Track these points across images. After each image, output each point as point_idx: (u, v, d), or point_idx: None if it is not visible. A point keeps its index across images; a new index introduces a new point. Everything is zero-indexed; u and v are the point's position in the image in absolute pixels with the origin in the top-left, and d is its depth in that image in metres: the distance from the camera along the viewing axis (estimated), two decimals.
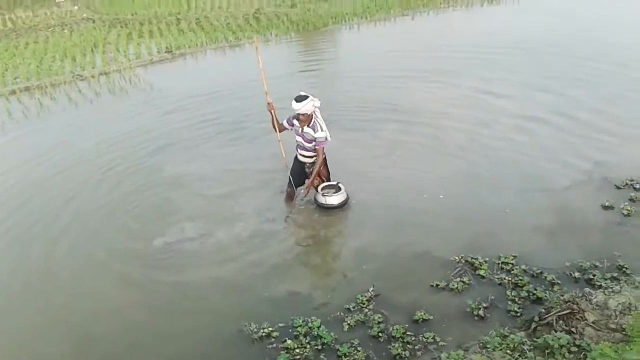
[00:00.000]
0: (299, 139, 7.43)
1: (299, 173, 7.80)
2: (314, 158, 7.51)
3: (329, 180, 7.86)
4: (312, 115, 7.18)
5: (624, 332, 4.48)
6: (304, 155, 7.58)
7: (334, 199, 7.67)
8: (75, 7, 22.64)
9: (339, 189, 7.76)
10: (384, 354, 5.17)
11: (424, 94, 12.16)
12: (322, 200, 7.69)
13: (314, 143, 7.32)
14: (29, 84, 15.14)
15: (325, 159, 7.66)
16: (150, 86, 14.55)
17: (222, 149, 10.14)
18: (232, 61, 17.42)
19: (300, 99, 6.98)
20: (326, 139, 7.28)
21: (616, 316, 4.77)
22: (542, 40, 15.88)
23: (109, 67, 16.41)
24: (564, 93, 11.59)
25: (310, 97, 7.02)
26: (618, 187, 7.69)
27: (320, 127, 7.21)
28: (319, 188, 7.79)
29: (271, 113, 7.46)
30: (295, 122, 7.34)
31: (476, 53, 15.13)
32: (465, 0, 22.90)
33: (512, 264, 6.22)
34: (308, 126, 7.23)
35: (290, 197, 8.00)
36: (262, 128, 9.97)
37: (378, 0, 22.89)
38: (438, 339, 5.23)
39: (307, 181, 7.68)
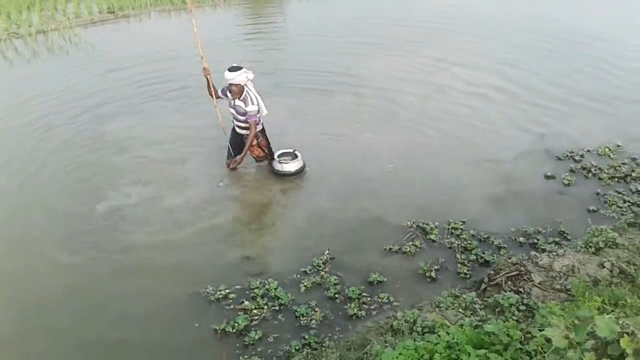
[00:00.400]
0: (232, 111, 7.33)
1: (238, 144, 7.69)
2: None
3: (269, 150, 7.78)
4: (243, 87, 7.08)
5: (568, 293, 4.76)
6: (240, 127, 7.48)
7: (290, 166, 7.69)
8: None
9: (296, 156, 7.77)
10: (340, 314, 5.30)
11: (378, 63, 12.25)
12: (278, 167, 7.69)
13: (245, 116, 7.24)
14: None
15: (263, 130, 7.59)
16: (91, 46, 13.98)
17: (169, 113, 9.88)
18: (177, 24, 16.93)
19: (233, 69, 6.89)
20: (259, 112, 7.22)
21: (560, 277, 5.05)
22: (505, 17, 16.19)
23: (47, 25, 15.63)
24: (518, 65, 11.97)
25: (244, 69, 6.93)
26: (559, 159, 8.08)
27: (252, 100, 7.11)
28: (276, 155, 7.78)
29: (207, 78, 7.30)
30: (228, 93, 7.23)
31: (436, 24, 15.32)
32: None
33: (461, 229, 6.48)
34: (239, 99, 7.14)
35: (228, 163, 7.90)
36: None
37: None
38: (392, 299, 5.42)
39: (237, 156, 7.59)
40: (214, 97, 7.47)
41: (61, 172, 8.10)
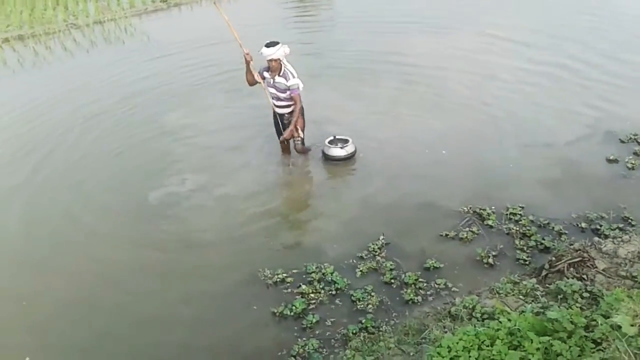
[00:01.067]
0: (272, 90, 7.26)
1: (280, 127, 7.64)
2: (292, 107, 7.35)
3: (303, 130, 7.63)
4: (281, 63, 7.04)
5: (634, 279, 4.61)
6: (280, 107, 7.40)
7: (342, 151, 7.69)
8: None
9: (347, 142, 7.77)
10: (397, 299, 5.30)
11: (427, 44, 12.05)
12: (330, 152, 7.71)
13: (288, 92, 7.16)
14: (22, 32, 14.80)
15: (302, 110, 7.44)
16: (146, 36, 14.27)
17: (223, 100, 10.00)
18: (228, 10, 17.05)
19: (270, 44, 6.85)
20: (299, 86, 7.15)
21: (626, 264, 4.90)
22: None
23: (103, 16, 16.05)
24: (574, 42, 11.56)
25: (281, 44, 6.89)
26: (622, 141, 7.79)
27: (292, 74, 7.06)
28: (327, 140, 7.78)
29: (247, 64, 7.21)
30: (266, 73, 7.18)
31: (480, 5, 14.95)
32: None
33: (520, 214, 6.34)
34: (279, 75, 7.09)
35: (287, 150, 7.94)
36: None
37: None
38: (450, 285, 5.38)
39: (285, 131, 7.48)
40: (258, 79, 7.29)
41: (116, 159, 8.37)
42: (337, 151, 7.70)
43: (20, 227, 6.96)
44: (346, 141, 7.80)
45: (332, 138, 7.87)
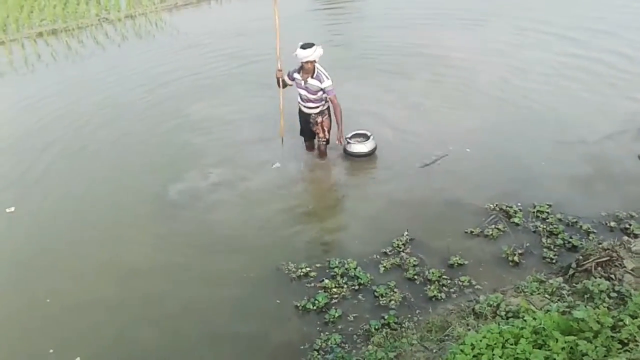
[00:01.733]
0: (303, 92, 7.19)
1: (305, 126, 7.60)
2: (320, 108, 7.30)
3: (329, 131, 7.60)
4: (314, 65, 6.94)
5: None
6: (309, 107, 7.33)
7: (362, 147, 7.65)
8: None
9: (367, 137, 7.73)
10: (420, 295, 5.28)
11: (456, 38, 11.90)
12: (351, 148, 7.68)
13: (320, 93, 7.09)
14: (55, 26, 15.06)
15: (329, 111, 7.41)
16: (176, 30, 14.41)
17: (250, 95, 9.99)
18: (257, 7, 17.12)
19: (306, 46, 6.73)
20: (333, 87, 7.06)
21: None
22: None
23: (134, 10, 16.24)
24: (605, 37, 11.30)
25: (316, 45, 6.78)
26: None
27: (325, 75, 6.98)
28: (348, 136, 7.73)
29: (278, 80, 7.28)
30: (297, 75, 7.11)
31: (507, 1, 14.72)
32: None
33: (547, 212, 6.25)
34: (312, 77, 7.00)
35: (311, 147, 7.91)
36: None
37: None
38: (474, 282, 5.34)
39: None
40: (289, 83, 7.32)
41: (139, 150, 8.50)
42: (358, 147, 7.67)
43: (38, 221, 7.05)
44: (367, 137, 7.75)
45: (353, 133, 7.82)
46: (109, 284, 5.87)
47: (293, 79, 7.23)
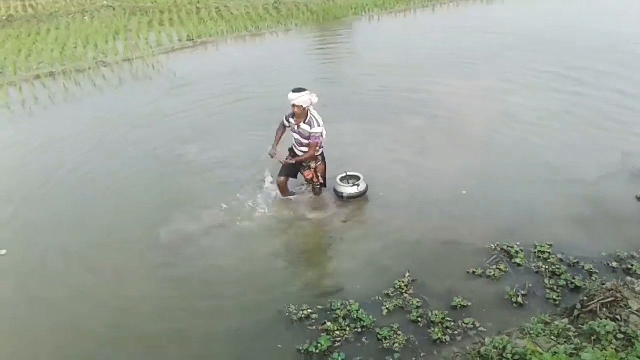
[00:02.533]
0: (296, 136, 7.25)
1: (292, 166, 7.54)
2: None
3: (324, 178, 7.67)
4: (307, 110, 7.02)
5: None
6: (302, 151, 7.34)
7: (352, 189, 7.63)
8: None
9: (358, 179, 7.71)
10: (424, 338, 5.21)
11: (446, 85, 12.04)
12: (342, 190, 7.66)
13: (310, 138, 7.14)
14: (53, 69, 15.20)
15: (323, 156, 7.48)
16: (173, 73, 14.57)
17: (246, 136, 9.95)
18: (253, 50, 17.42)
19: (297, 90, 6.86)
20: (321, 134, 7.13)
21: None
22: (559, 31, 15.79)
23: (131, 54, 16.44)
24: (592, 83, 11.54)
25: (308, 91, 6.89)
26: None
27: (317, 122, 7.05)
28: (338, 178, 7.73)
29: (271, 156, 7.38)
30: (291, 119, 7.21)
31: (496, 44, 15.07)
32: None
33: (549, 252, 6.25)
34: (304, 122, 7.08)
35: (284, 189, 7.76)
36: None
37: None
38: (477, 324, 5.28)
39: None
40: (275, 146, 7.38)
41: (132, 191, 8.45)
42: (349, 189, 7.65)
43: (31, 261, 6.97)
44: (357, 178, 7.75)
45: (343, 174, 7.81)
46: (102, 333, 5.73)
47: (289, 123, 7.30)
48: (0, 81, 14.33)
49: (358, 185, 7.64)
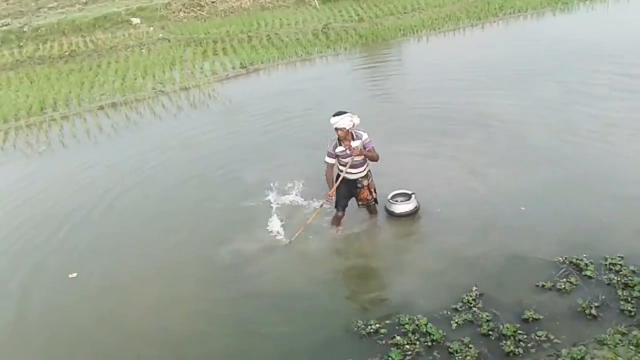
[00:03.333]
0: (347, 160, 7.11)
1: (347, 194, 7.51)
2: (366, 170, 7.31)
3: (376, 191, 7.59)
4: (349, 132, 6.97)
5: None
6: (355, 173, 7.27)
7: (404, 207, 7.62)
8: (151, 29, 23.66)
9: (409, 197, 7.70)
10: (497, 351, 5.18)
11: (503, 101, 11.87)
12: (393, 208, 7.66)
13: (362, 149, 7.05)
14: (114, 99, 15.86)
15: (370, 172, 7.45)
16: (229, 99, 14.95)
17: (304, 158, 10.02)
18: (304, 74, 17.73)
19: (337, 114, 6.86)
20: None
21: None
22: (617, 45, 15.38)
23: (187, 82, 16.97)
24: None
25: (349, 113, 6.85)
26: None
27: (361, 130, 7.04)
28: (389, 196, 7.72)
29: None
30: (339, 148, 7.11)
31: (550, 59, 14.82)
32: (537, 10, 22.35)
33: (620, 264, 6.11)
34: (353, 140, 7.04)
35: (338, 221, 7.70)
36: None
37: (446, 11, 22.63)
38: (551, 337, 5.21)
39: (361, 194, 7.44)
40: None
41: (192, 216, 8.61)
42: (399, 207, 7.63)
43: (101, 281, 7.28)
44: (408, 196, 7.72)
45: (394, 193, 7.81)
46: (176, 348, 5.92)
47: (336, 156, 7.22)
48: (67, 113, 15.05)
49: (409, 203, 7.64)
